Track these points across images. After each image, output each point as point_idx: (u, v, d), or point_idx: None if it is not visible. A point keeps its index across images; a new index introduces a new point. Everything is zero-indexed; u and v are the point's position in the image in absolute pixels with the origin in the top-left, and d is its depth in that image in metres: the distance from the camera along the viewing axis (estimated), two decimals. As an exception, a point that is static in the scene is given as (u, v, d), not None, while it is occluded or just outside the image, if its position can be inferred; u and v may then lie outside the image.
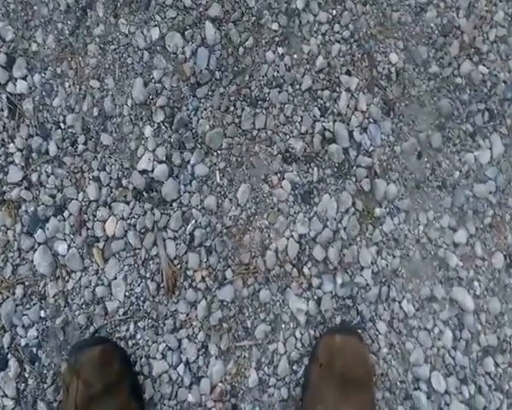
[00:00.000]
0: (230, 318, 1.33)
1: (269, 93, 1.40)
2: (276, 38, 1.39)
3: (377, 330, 1.35)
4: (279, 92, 1.41)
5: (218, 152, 1.38)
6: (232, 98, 1.39)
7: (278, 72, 1.39)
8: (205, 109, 1.39)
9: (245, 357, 1.33)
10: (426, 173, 1.40)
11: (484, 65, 1.45)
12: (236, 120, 1.40)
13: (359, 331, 1.32)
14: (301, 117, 1.40)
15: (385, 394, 1.32)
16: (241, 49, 1.39)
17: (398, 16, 1.42)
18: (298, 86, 1.41)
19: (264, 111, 1.40)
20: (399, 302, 1.36)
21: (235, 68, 1.41)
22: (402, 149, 1.40)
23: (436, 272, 1.39)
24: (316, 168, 1.40)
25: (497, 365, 1.38)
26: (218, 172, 1.37)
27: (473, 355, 1.36)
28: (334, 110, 1.41)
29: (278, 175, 1.39)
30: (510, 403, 1.38)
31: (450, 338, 1.35)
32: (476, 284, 1.39)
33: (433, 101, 1.43)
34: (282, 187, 1.38)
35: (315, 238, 1.37)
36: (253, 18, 1.42)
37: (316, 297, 1.34)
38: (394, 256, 1.38)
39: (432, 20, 1.44)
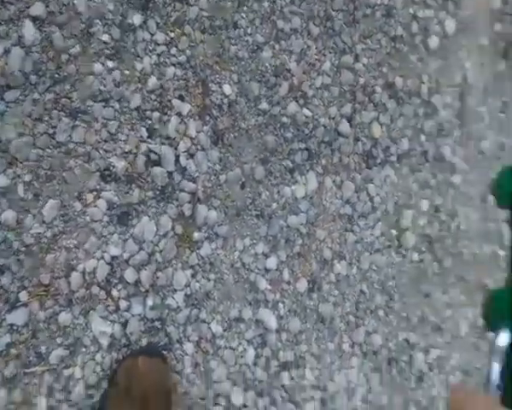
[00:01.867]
0: (21, 343, 0.83)
1: (92, 106, 0.87)
2: (107, 51, 0.90)
3: (183, 350, 0.94)
4: (104, 107, 0.88)
5: (25, 163, 0.83)
6: (48, 107, 0.84)
7: (105, 86, 0.89)
8: (13, 115, 0.81)
9: (35, 384, 0.84)
10: (247, 202, 1.01)
11: (308, 108, 1.06)
12: (50, 131, 0.84)
13: (164, 353, 0.92)
14: (127, 136, 0.90)
15: None
16: (64, 56, 0.85)
17: (236, 50, 0.99)
18: (126, 104, 0.90)
19: (84, 125, 0.87)
20: (208, 324, 0.97)
21: (56, 75, 0.84)
22: (227, 178, 1.00)
23: (246, 295, 1.00)
24: (137, 189, 0.91)
25: (291, 378, 1.02)
26: (22, 184, 0.82)
27: (271, 371, 1.01)
28: (163, 133, 0.92)
29: (94, 193, 0.88)
30: None
31: (253, 355, 0.98)
32: (281, 305, 1.02)
33: (260, 135, 1.01)
34: (96, 206, 0.88)
35: (128, 260, 0.90)
36: (83, 25, 0.86)
37: (122, 320, 0.90)
38: (209, 279, 0.97)
39: (267, 60, 1.01)
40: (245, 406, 0.98)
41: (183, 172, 0.93)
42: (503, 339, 0.34)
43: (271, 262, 1.00)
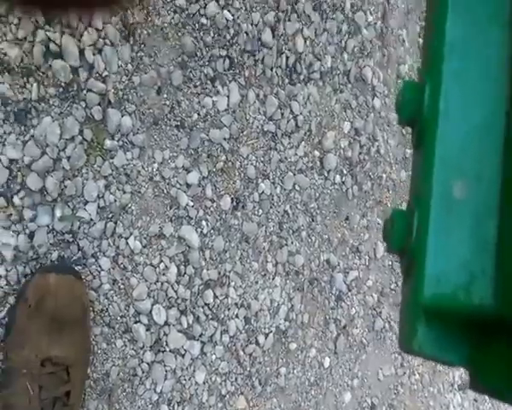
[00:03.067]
0: None
1: None
2: None
3: (100, 266, 0.80)
4: None
5: None
6: None
7: None
8: None
9: None
10: (165, 111, 0.86)
11: (229, 11, 0.89)
12: None
13: (79, 270, 0.77)
14: (19, 19, 0.72)
15: (103, 329, 0.81)
16: None
17: None
18: None
19: None
20: (126, 239, 0.83)
21: None
22: (141, 80, 0.84)
23: (167, 211, 0.87)
24: (35, 84, 0.73)
25: (215, 296, 0.92)
26: None
27: (195, 289, 0.90)
28: (63, 21, 0.75)
29: None
30: (223, 330, 0.94)
31: (175, 273, 0.86)
32: (204, 223, 0.90)
33: (177, 36, 0.85)
34: None
35: (30, 165, 0.73)
36: None
37: (28, 231, 0.74)
38: (124, 192, 0.82)
39: None
40: (167, 323, 0.87)
41: (89, 69, 0.77)
42: None
43: (193, 177, 0.88)
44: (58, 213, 0.76)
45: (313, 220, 1.07)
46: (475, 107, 0.28)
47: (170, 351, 0.88)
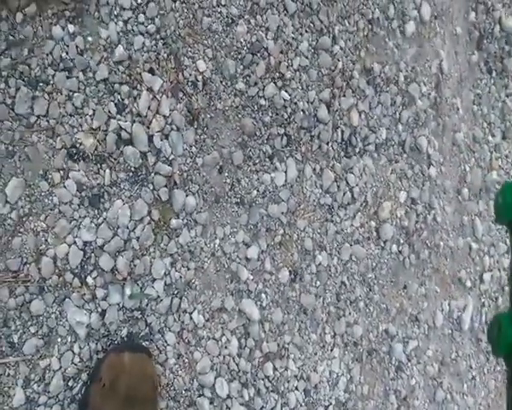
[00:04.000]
0: (-9, 332, 0.71)
1: (54, 76, 0.75)
2: (67, 13, 0.70)
3: (166, 341, 0.82)
4: (67, 77, 0.76)
5: (-18, 137, 0.70)
6: (4, 73, 0.71)
7: (67, 53, 0.77)
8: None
9: (9, 375, 0.72)
10: (225, 189, 0.90)
11: (286, 91, 0.93)
12: (9, 101, 0.72)
13: (147, 345, 0.80)
14: (93, 110, 0.78)
15: (169, 403, 0.81)
16: (19, 15, 0.72)
17: (209, 23, 0.86)
18: (91, 74, 0.77)
19: (46, 96, 0.74)
20: (190, 313, 0.85)
21: (11, 38, 0.72)
22: (204, 161, 0.88)
23: (228, 285, 0.89)
24: (108, 170, 0.78)
25: (275, 369, 0.92)
26: (-22, 160, 0.69)
27: (255, 361, 0.90)
28: (133, 110, 0.80)
29: (61, 172, 0.76)
30: (283, 402, 0.93)
31: (236, 346, 0.87)
32: (263, 296, 0.91)
33: (237, 118, 0.89)
34: (65, 187, 0.76)
35: (102, 247, 0.78)
36: (37, -19, 0.74)
37: (100, 309, 0.78)
38: (189, 268, 0.85)
39: (242, 35, 0.89)
40: (229, 396, 0.87)
41: (157, 153, 0.82)
42: None
43: (253, 251, 0.90)
44: (128, 291, 0.79)
45: (371, 290, 1.05)
46: None
47: (233, 424, 0.87)
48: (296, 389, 0.94)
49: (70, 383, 0.77)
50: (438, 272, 1.15)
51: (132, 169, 0.80)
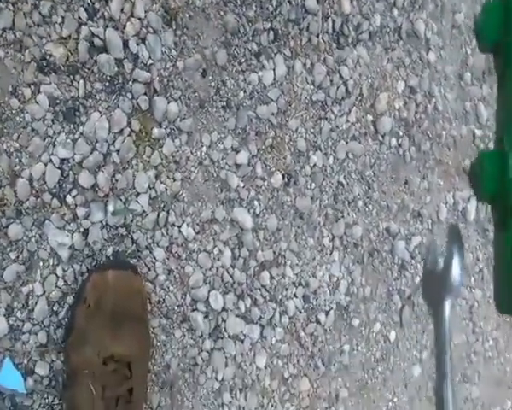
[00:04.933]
0: (-32, 261, 0.74)
1: None
2: None
3: (154, 257, 0.86)
4: None
5: None
6: None
7: None
8: None
9: None
10: (210, 92, 0.90)
11: None
12: None
13: (135, 262, 0.84)
14: (62, 18, 0.77)
15: (161, 320, 0.87)
16: None
17: None
18: None
19: (10, 6, 0.73)
20: (179, 227, 0.89)
21: None
22: (185, 64, 0.87)
23: (218, 194, 0.92)
24: (82, 81, 0.79)
25: (272, 277, 0.96)
26: None
27: (250, 271, 0.94)
28: (106, 14, 0.79)
29: (32, 87, 0.76)
30: (282, 311, 0.98)
31: (230, 257, 0.91)
32: (256, 203, 0.95)
33: (219, 15, 0.89)
34: (37, 102, 0.76)
35: (81, 163, 0.80)
36: None
37: (82, 229, 0.81)
38: (175, 179, 0.88)
39: None
40: (225, 309, 0.93)
41: (134, 59, 0.82)
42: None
43: (242, 157, 0.92)
44: (111, 207, 0.82)
45: (370, 188, 1.09)
46: None
47: (229, 337, 0.93)
48: (295, 296, 1.00)
49: (55, 308, 0.78)
50: (440, 163, 1.18)
51: (108, 78, 0.81)
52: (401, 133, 1.11)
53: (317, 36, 0.98)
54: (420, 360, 1.18)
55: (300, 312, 1.01)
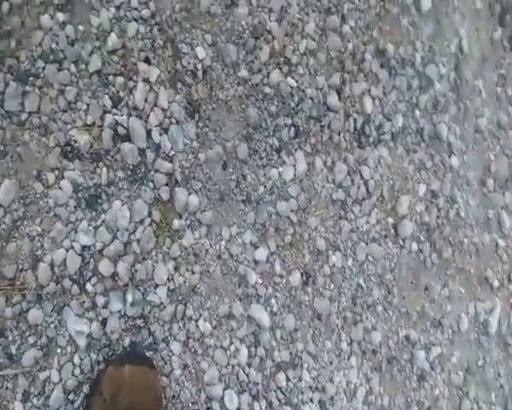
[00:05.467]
0: (-9, 344, 0.75)
1: (44, 68, 0.79)
2: (55, 0, 0.82)
3: (171, 350, 0.87)
4: (58, 70, 0.80)
5: (-30, 137, 0.75)
6: None
7: (58, 43, 0.81)
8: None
9: (7, 388, 0.77)
10: (230, 186, 0.95)
11: (292, 77, 0.98)
12: None
13: (150, 355, 0.85)
14: (87, 105, 0.82)
15: None
16: (5, 5, 0.78)
17: (208, 5, 0.91)
18: (84, 66, 0.81)
19: (37, 90, 0.79)
20: (196, 321, 0.90)
21: None
22: (206, 156, 0.92)
23: (235, 289, 0.93)
24: (105, 169, 0.83)
25: (288, 379, 0.96)
26: (-32, 161, 0.74)
27: (266, 371, 0.94)
28: (129, 103, 0.85)
29: (56, 172, 0.81)
30: None
31: (246, 355, 0.92)
32: (273, 301, 0.96)
33: (240, 108, 0.94)
34: (60, 187, 0.80)
35: (101, 251, 0.82)
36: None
37: (100, 318, 0.83)
38: (193, 272, 0.90)
39: (243, 18, 0.93)
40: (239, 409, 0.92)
41: (156, 149, 0.86)
42: None
43: (261, 253, 0.94)
44: (129, 298, 0.84)
45: (389, 293, 1.10)
46: None
47: (244, 440, 0.92)
48: (311, 400, 0.98)
49: (71, 397, 0.79)
50: (462, 271, 1.19)
51: (131, 167, 0.84)
52: (422, 238, 1.13)
53: (339, 134, 1.03)
54: None
55: (316, 418, 0.99)
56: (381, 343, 1.07)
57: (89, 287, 0.81)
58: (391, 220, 1.08)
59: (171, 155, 0.87)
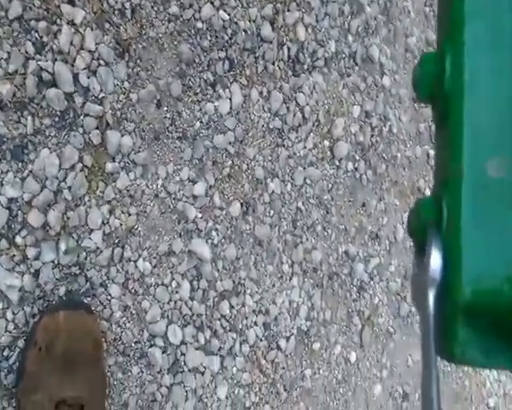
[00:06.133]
0: None
1: None
2: None
3: (109, 294, 0.82)
4: None
5: None
6: None
7: None
8: None
9: None
10: (165, 124, 0.87)
11: (225, 10, 0.90)
12: None
13: (88, 301, 0.79)
14: (9, 53, 0.72)
15: (118, 358, 0.83)
16: None
17: None
18: (3, 13, 0.71)
19: None
20: (135, 262, 0.84)
21: None
22: (139, 96, 0.84)
23: (175, 226, 0.88)
24: (30, 117, 0.74)
25: (231, 307, 0.93)
26: None
27: (209, 302, 0.91)
28: (54, 47, 0.75)
29: None
30: (242, 340, 0.96)
31: (188, 289, 0.88)
32: (214, 233, 0.92)
33: (173, 45, 0.86)
34: None
35: (30, 202, 0.75)
36: None
37: (32, 270, 0.75)
38: (130, 214, 0.84)
39: None
40: (184, 342, 0.89)
41: (85, 92, 0.78)
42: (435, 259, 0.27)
43: (199, 188, 0.90)
44: (63, 246, 0.77)
45: (328, 213, 1.08)
46: (505, 75, 0.25)
47: (189, 371, 0.90)
48: (255, 324, 0.98)
49: (5, 353, 0.73)
50: (396, 184, 1.19)
51: (58, 113, 0.77)
52: (357, 157, 1.11)
53: (273, 64, 0.97)
54: (380, 378, 1.18)
55: (261, 340, 0.99)
56: (322, 261, 1.07)
57: (18, 240, 0.74)
58: (327, 143, 1.05)
59: (100, 97, 0.79)
